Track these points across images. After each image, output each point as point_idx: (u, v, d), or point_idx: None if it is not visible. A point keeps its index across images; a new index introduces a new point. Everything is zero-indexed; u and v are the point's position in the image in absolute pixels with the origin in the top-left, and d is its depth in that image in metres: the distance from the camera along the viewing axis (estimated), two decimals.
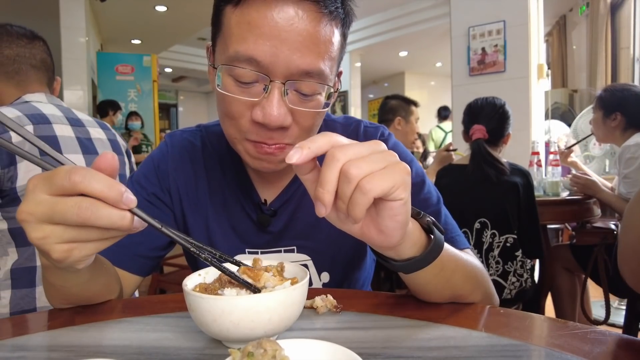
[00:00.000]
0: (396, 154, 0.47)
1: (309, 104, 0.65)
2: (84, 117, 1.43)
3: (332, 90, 0.68)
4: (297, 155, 0.45)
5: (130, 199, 0.43)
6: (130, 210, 0.44)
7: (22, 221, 0.44)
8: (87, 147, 1.36)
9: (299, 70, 0.61)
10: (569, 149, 2.56)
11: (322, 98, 0.67)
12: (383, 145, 0.48)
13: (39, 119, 1.25)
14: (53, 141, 1.26)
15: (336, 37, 0.65)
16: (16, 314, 1.16)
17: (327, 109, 0.71)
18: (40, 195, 0.43)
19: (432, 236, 0.56)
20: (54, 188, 0.43)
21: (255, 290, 0.51)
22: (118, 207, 0.43)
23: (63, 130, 1.31)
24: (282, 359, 0.37)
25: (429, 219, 0.56)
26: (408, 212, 0.48)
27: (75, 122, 1.38)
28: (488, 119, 1.90)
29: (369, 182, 0.43)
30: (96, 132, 1.43)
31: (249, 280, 0.52)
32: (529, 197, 1.82)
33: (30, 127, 1.21)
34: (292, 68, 0.61)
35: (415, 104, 2.91)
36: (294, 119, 0.65)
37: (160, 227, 0.47)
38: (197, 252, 0.49)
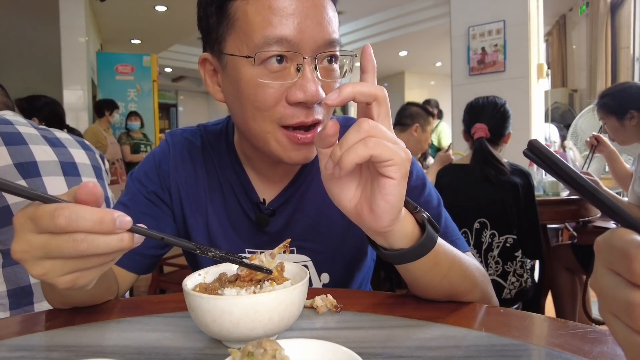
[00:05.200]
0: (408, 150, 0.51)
1: (332, 74, 0.69)
2: (62, 135, 1.31)
3: (352, 54, 0.71)
4: (334, 96, 0.50)
5: (125, 221, 0.42)
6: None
7: (19, 260, 0.43)
8: (69, 170, 1.24)
9: (324, 41, 0.65)
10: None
11: (338, 68, 0.71)
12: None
13: (13, 139, 1.12)
14: (32, 168, 1.12)
15: (335, 7, 0.70)
16: (12, 291, 1.13)
17: (345, 77, 0.75)
18: (30, 234, 0.42)
19: (425, 231, 0.57)
20: (42, 230, 0.42)
21: (268, 271, 0.53)
22: (114, 234, 0.42)
23: (43, 155, 1.17)
24: (282, 359, 0.37)
25: (424, 214, 0.58)
26: (400, 196, 0.51)
27: (55, 143, 1.24)
28: (489, 118, 1.90)
29: (373, 141, 0.47)
30: (79, 156, 1.30)
31: (260, 264, 0.53)
32: (529, 197, 1.82)
33: (2, 149, 1.08)
34: (319, 40, 0.64)
35: (434, 116, 3.02)
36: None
37: (161, 237, 0.47)
38: (204, 252, 0.50)
